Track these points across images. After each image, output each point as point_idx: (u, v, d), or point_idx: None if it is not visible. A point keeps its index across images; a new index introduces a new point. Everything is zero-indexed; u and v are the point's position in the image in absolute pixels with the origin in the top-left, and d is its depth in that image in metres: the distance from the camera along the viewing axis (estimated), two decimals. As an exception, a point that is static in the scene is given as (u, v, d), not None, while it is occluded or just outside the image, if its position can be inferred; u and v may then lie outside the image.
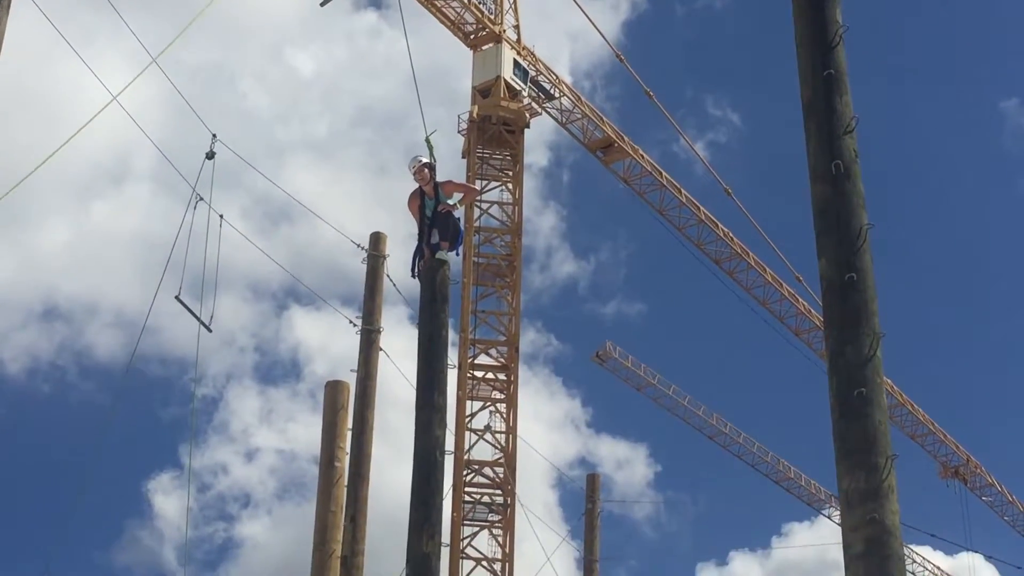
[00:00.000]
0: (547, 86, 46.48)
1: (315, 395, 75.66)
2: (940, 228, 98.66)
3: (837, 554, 57.98)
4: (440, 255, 11.83)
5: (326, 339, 74.88)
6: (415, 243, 12.14)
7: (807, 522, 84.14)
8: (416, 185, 12.22)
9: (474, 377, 44.44)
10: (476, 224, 45.37)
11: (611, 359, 52.04)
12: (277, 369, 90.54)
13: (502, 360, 44.90)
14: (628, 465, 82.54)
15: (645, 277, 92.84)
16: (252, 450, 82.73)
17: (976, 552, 58.73)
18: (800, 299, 50.90)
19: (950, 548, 71.23)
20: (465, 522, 43.12)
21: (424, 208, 12.13)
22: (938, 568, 63.10)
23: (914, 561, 61.07)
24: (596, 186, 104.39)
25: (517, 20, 46.62)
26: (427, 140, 12.22)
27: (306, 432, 72.79)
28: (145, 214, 78.07)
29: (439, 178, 12.27)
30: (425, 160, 12.14)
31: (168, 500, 73.09)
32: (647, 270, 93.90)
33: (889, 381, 47.65)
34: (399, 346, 18.35)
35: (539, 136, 61.98)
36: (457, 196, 12.32)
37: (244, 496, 79.92)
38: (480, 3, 45.48)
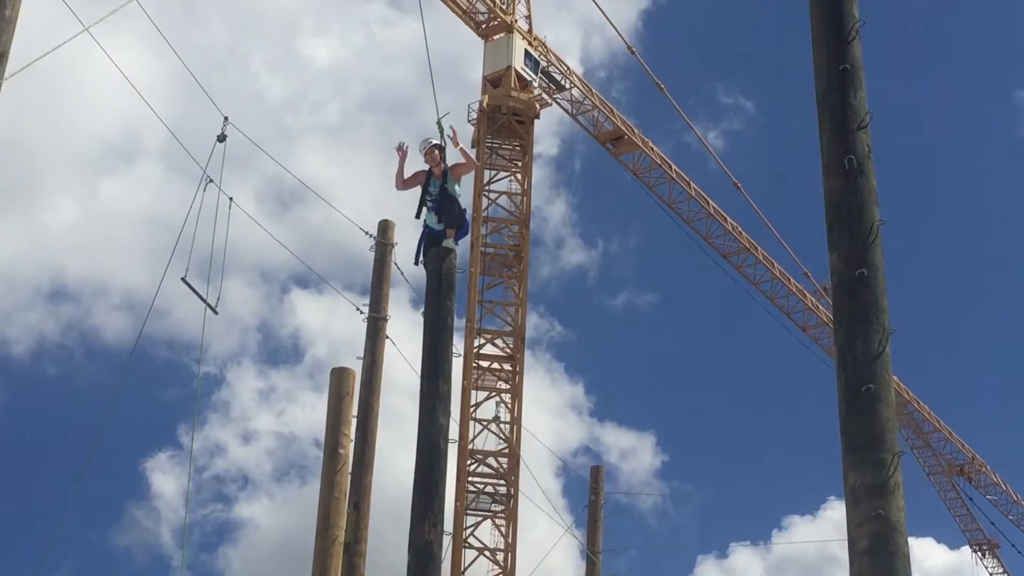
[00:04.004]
0: (558, 77, 46.39)
1: (314, 378, 75.71)
2: (953, 224, 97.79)
3: (837, 549, 58.04)
4: (447, 243, 11.89)
5: (328, 322, 74.82)
6: (421, 230, 12.23)
7: (808, 516, 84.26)
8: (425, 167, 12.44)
9: (479, 367, 44.43)
10: (484, 214, 45.31)
11: None
12: (279, 352, 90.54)
13: (508, 350, 44.87)
14: (634, 454, 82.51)
15: (656, 268, 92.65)
16: (251, 432, 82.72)
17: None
18: (808, 295, 50.83)
19: (954, 542, 71.20)
20: (468, 512, 43.10)
21: (429, 184, 12.30)
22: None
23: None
24: (608, 176, 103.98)
25: (529, 10, 46.51)
26: (438, 123, 12.34)
27: (305, 415, 72.76)
28: (155, 194, 77.87)
29: (449, 161, 12.47)
30: (436, 142, 12.27)
31: (166, 480, 73.01)
32: (658, 261, 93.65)
33: (896, 379, 47.49)
34: (402, 330, 18.33)
35: (549, 126, 61.86)
36: (461, 165, 12.45)
37: (242, 478, 79.98)
38: (492, -8, 45.39)
